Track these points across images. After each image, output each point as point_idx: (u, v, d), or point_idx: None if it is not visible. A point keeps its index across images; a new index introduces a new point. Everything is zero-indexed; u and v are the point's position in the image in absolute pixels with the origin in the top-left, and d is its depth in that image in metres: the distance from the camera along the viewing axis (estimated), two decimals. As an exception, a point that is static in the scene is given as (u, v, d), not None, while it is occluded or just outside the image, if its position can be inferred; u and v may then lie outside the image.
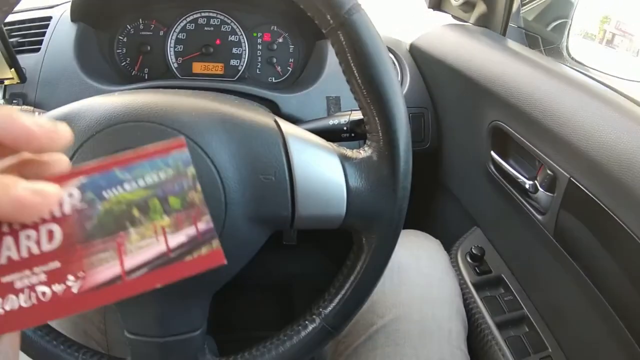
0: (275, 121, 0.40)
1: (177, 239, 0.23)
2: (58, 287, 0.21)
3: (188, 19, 0.79)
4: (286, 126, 0.40)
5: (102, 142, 0.35)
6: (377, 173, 0.39)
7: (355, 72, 0.38)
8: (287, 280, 1.10)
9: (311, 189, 0.38)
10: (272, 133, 0.38)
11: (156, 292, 0.38)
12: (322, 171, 0.39)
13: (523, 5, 0.86)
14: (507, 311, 0.65)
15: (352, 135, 0.55)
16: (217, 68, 0.80)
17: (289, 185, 0.38)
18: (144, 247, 0.22)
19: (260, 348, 0.43)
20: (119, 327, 0.41)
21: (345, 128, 0.55)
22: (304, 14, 0.39)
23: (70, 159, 0.35)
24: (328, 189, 0.39)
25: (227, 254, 0.37)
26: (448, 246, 0.74)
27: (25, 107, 0.58)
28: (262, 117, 0.39)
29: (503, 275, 0.70)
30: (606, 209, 0.47)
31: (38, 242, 0.21)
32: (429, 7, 0.95)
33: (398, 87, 0.39)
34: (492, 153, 0.67)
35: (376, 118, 0.39)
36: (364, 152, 0.40)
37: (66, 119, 0.37)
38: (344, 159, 0.40)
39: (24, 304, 0.21)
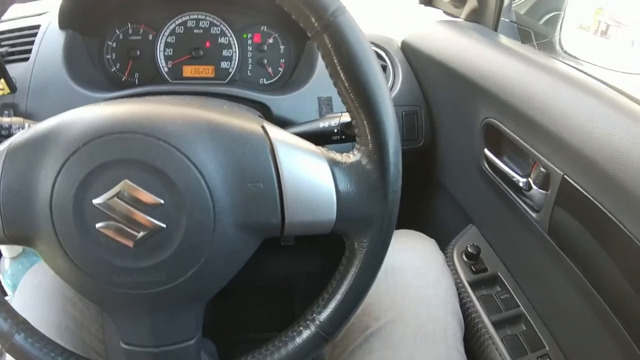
0: (263, 127, 0.39)
1: None
2: None
3: (177, 22, 0.79)
4: (274, 132, 0.39)
5: (87, 155, 0.35)
6: (366, 177, 0.39)
7: (341, 75, 0.37)
8: (286, 281, 1.10)
9: (300, 195, 0.38)
10: (260, 140, 0.38)
11: (149, 302, 0.38)
12: (311, 177, 0.38)
13: (514, -2, 0.85)
14: (503, 310, 0.65)
15: (343, 137, 0.54)
16: (207, 71, 0.80)
17: (277, 192, 0.37)
18: None
19: (255, 355, 0.43)
20: (117, 335, 0.41)
21: (335, 130, 0.54)
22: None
23: (58, 172, 0.35)
24: (317, 195, 0.38)
25: (217, 263, 0.38)
26: (443, 245, 0.74)
27: (15, 118, 0.58)
28: (250, 124, 0.39)
29: (499, 274, 0.70)
30: (600, 206, 0.47)
31: None
32: (419, 3, 0.95)
33: (386, 89, 0.38)
34: (486, 151, 0.67)
35: (364, 122, 0.38)
36: (353, 157, 0.40)
37: (53, 132, 0.36)
38: (333, 163, 0.39)
39: None
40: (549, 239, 0.56)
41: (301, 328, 0.43)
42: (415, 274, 0.60)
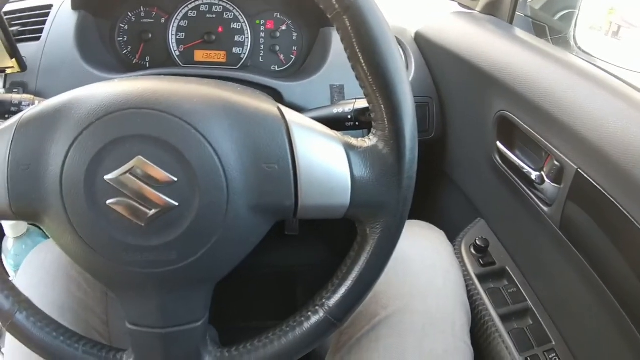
0: (279, 109, 0.39)
1: None
2: None
3: (190, 6, 0.78)
4: (290, 114, 0.39)
5: (101, 130, 0.35)
6: (382, 162, 0.39)
7: (361, 58, 0.37)
8: (290, 270, 1.10)
9: (315, 178, 0.37)
10: (276, 121, 0.38)
11: (159, 282, 0.38)
12: (326, 160, 0.38)
13: (530, -7, 0.85)
14: (510, 303, 0.65)
15: (357, 124, 0.54)
16: (219, 56, 0.79)
17: (292, 174, 0.37)
18: None
19: (262, 339, 0.43)
20: (121, 318, 0.41)
21: (349, 117, 0.54)
22: (307, 1, 0.38)
23: (70, 146, 0.35)
24: (332, 179, 0.38)
25: (229, 243, 0.37)
26: (452, 237, 0.73)
27: (25, 95, 0.58)
28: (266, 105, 0.39)
29: (507, 267, 0.69)
30: (613, 200, 0.46)
31: None
32: (435, -5, 0.94)
33: (405, 74, 0.38)
34: (498, 143, 0.66)
35: (382, 106, 0.38)
36: (369, 141, 0.39)
37: (65, 106, 0.36)
38: (348, 147, 0.39)
39: None
40: (560, 233, 0.55)
41: (309, 313, 0.42)
42: (425, 264, 0.59)
